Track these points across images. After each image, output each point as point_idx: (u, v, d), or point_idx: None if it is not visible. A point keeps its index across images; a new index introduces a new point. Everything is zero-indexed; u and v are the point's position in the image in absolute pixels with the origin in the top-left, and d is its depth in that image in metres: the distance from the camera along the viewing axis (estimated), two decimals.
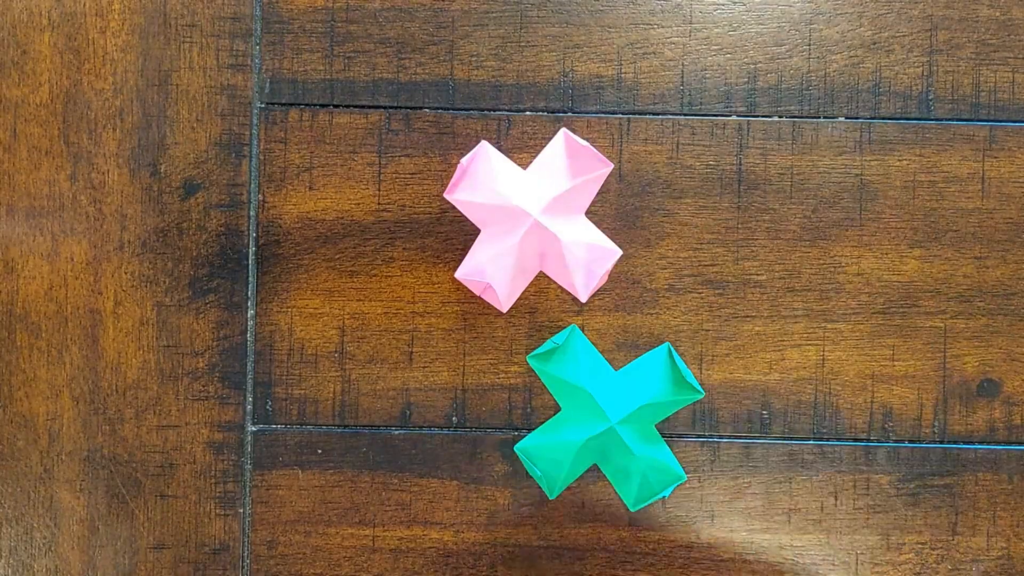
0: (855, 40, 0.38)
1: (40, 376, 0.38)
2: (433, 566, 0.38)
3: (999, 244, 0.38)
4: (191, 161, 0.38)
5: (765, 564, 0.38)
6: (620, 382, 0.37)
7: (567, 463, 0.37)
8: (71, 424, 0.38)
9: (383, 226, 0.38)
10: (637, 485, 0.37)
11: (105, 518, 0.38)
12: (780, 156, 0.38)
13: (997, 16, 0.38)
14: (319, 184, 0.38)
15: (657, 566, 0.38)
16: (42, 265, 0.38)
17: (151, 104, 0.38)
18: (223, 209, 0.38)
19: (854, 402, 0.38)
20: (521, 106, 0.38)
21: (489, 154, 0.36)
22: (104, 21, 0.37)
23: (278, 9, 0.38)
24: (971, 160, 0.38)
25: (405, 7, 0.38)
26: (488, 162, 0.35)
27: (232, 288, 0.38)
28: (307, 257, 0.38)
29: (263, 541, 0.38)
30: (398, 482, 0.38)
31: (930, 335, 0.38)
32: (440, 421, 0.38)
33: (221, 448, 0.38)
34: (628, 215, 0.38)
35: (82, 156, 0.38)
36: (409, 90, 0.38)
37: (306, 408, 0.38)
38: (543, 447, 0.37)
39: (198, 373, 0.38)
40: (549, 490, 0.37)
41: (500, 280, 0.35)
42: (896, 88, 0.38)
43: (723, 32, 0.38)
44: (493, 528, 0.38)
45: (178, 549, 0.38)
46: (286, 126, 0.38)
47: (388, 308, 0.38)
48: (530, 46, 0.38)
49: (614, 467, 0.37)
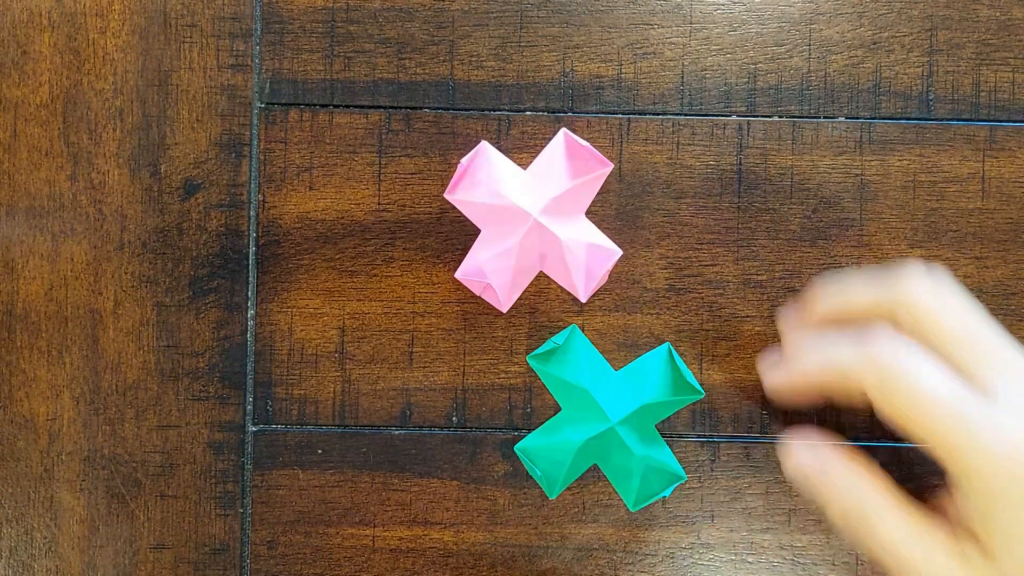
0: (855, 40, 0.38)
1: (40, 376, 0.38)
2: (433, 566, 0.38)
3: (999, 244, 0.38)
4: (191, 161, 0.38)
5: (765, 564, 0.38)
6: (620, 382, 0.37)
7: (567, 463, 0.37)
8: (71, 424, 0.38)
9: (383, 226, 0.38)
10: (637, 485, 0.37)
11: (105, 518, 0.38)
12: (780, 156, 0.38)
13: (997, 16, 0.38)
14: (319, 184, 0.38)
15: (657, 566, 0.38)
16: (42, 265, 0.38)
17: (151, 104, 0.38)
18: (223, 209, 0.38)
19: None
20: (521, 106, 0.38)
21: (489, 154, 0.36)
22: (104, 21, 0.37)
23: (278, 9, 0.38)
24: (971, 160, 0.38)
25: (405, 7, 0.38)
26: (488, 162, 0.36)
27: (232, 288, 0.38)
28: (307, 257, 0.38)
29: (263, 541, 0.38)
30: (398, 482, 0.38)
31: None
32: (440, 421, 0.38)
33: (221, 448, 0.38)
34: (628, 215, 0.38)
35: (82, 156, 0.38)
36: (409, 90, 0.38)
37: (306, 408, 0.38)
38: (543, 447, 0.37)
39: (198, 373, 0.38)
40: (549, 490, 0.37)
41: (500, 280, 0.35)
42: (896, 88, 0.38)
43: (723, 32, 0.38)
44: (493, 528, 0.38)
45: (178, 549, 0.38)
46: (286, 126, 0.38)
47: (388, 308, 0.38)
48: (530, 46, 0.38)
49: (614, 467, 0.37)
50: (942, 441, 0.29)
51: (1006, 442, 0.28)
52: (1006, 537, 0.29)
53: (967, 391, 0.29)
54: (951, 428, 0.29)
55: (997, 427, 0.29)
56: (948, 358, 0.30)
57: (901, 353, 0.30)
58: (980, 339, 0.30)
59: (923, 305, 0.31)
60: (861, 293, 0.33)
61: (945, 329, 0.31)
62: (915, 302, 0.31)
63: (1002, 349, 0.30)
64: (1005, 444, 0.28)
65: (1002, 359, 0.30)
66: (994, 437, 0.29)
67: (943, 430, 0.29)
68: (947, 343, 0.30)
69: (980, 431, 0.29)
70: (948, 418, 0.29)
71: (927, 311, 0.31)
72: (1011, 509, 0.29)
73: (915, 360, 0.30)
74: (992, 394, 0.29)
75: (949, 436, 0.29)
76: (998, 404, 0.29)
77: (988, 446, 0.29)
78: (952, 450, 0.29)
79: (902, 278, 0.32)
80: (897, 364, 0.30)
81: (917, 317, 0.31)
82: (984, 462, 0.29)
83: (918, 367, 0.30)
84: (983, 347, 0.30)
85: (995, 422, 0.29)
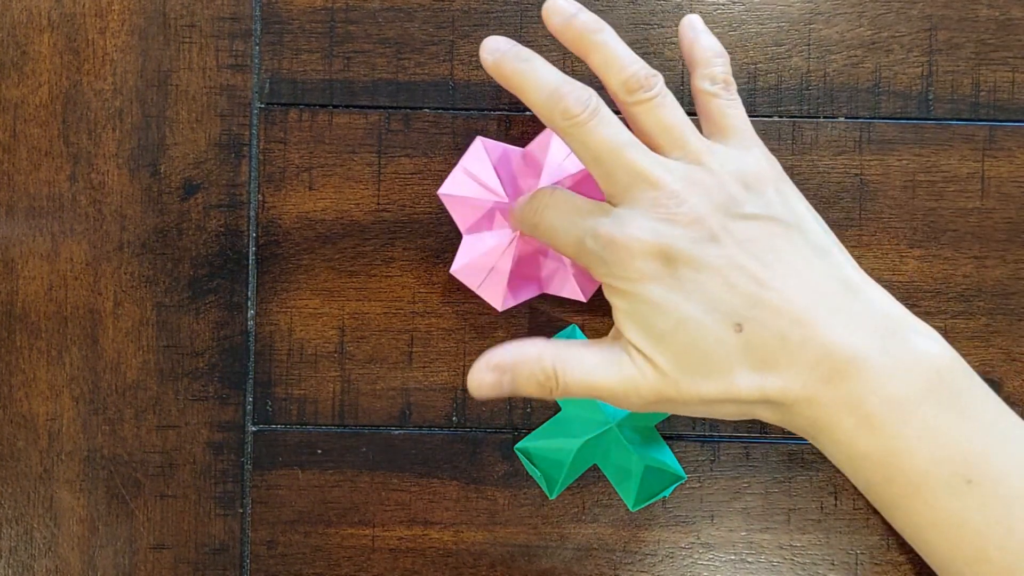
0: (854, 40, 0.38)
1: (40, 376, 0.38)
2: (433, 566, 0.38)
3: (999, 244, 0.38)
4: (191, 161, 0.38)
5: (765, 563, 0.38)
6: None
7: (567, 463, 0.37)
8: (71, 424, 0.38)
9: (383, 226, 0.38)
10: (637, 485, 0.37)
11: (105, 518, 0.38)
12: (780, 156, 0.38)
13: (996, 16, 0.38)
14: (319, 184, 0.38)
15: (657, 566, 0.38)
16: (42, 265, 0.38)
17: (151, 104, 0.38)
18: (223, 209, 0.38)
19: None
20: (521, 105, 0.38)
21: (487, 149, 0.35)
22: (104, 22, 0.37)
23: (277, 9, 0.38)
24: (971, 160, 0.38)
25: (405, 7, 0.38)
26: (481, 158, 0.35)
27: (232, 288, 0.38)
28: (307, 257, 0.38)
29: (263, 541, 0.38)
30: (398, 482, 0.38)
31: None
32: (440, 421, 0.38)
33: (221, 448, 0.38)
34: None
35: (82, 156, 0.38)
36: (409, 90, 0.38)
37: (306, 408, 0.38)
38: (543, 447, 0.37)
39: (198, 373, 0.38)
40: (549, 490, 0.37)
41: (497, 278, 0.35)
42: (896, 88, 0.38)
43: (723, 32, 0.38)
44: (493, 528, 0.38)
45: (178, 549, 0.38)
46: (286, 126, 0.38)
47: (388, 308, 0.38)
48: (530, 45, 0.37)
49: (614, 467, 0.37)
50: (581, 264, 0.31)
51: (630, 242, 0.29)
52: (650, 338, 0.30)
53: (597, 205, 0.31)
54: (579, 250, 0.31)
55: (605, 234, 0.30)
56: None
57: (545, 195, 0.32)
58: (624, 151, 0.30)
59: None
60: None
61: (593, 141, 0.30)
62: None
63: (626, 161, 0.30)
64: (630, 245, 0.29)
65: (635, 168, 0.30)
66: (600, 245, 0.30)
67: (574, 254, 0.31)
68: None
69: (592, 242, 0.30)
70: (575, 241, 0.31)
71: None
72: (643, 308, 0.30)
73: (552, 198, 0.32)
74: (617, 206, 0.30)
75: (581, 257, 0.31)
76: (616, 212, 0.30)
77: (598, 250, 0.30)
78: (587, 267, 0.31)
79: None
80: (540, 201, 0.32)
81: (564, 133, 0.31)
82: (606, 273, 0.30)
83: (554, 207, 0.32)
84: (610, 164, 0.30)
85: (606, 230, 0.30)
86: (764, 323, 0.29)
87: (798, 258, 0.30)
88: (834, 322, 0.29)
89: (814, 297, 0.29)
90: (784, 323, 0.29)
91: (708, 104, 0.32)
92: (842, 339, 0.29)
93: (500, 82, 0.31)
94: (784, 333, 0.29)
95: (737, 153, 0.31)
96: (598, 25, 0.31)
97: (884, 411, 0.29)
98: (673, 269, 0.29)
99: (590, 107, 0.30)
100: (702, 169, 0.30)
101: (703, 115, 0.32)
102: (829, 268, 0.30)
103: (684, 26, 0.33)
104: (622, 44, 0.31)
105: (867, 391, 0.29)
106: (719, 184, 0.30)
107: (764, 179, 0.31)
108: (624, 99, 0.31)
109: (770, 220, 0.30)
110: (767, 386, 0.29)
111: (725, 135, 0.32)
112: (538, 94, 0.30)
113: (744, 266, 0.29)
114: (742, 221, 0.30)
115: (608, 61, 0.31)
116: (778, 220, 0.30)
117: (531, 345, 0.31)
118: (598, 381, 0.30)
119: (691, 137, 0.31)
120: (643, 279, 0.29)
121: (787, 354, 0.29)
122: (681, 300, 0.29)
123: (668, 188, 0.29)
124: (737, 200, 0.30)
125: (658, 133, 0.31)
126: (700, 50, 0.33)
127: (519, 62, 0.31)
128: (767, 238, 0.30)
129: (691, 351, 0.29)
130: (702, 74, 0.32)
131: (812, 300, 0.29)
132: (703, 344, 0.29)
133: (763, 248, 0.29)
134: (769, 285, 0.29)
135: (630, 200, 0.30)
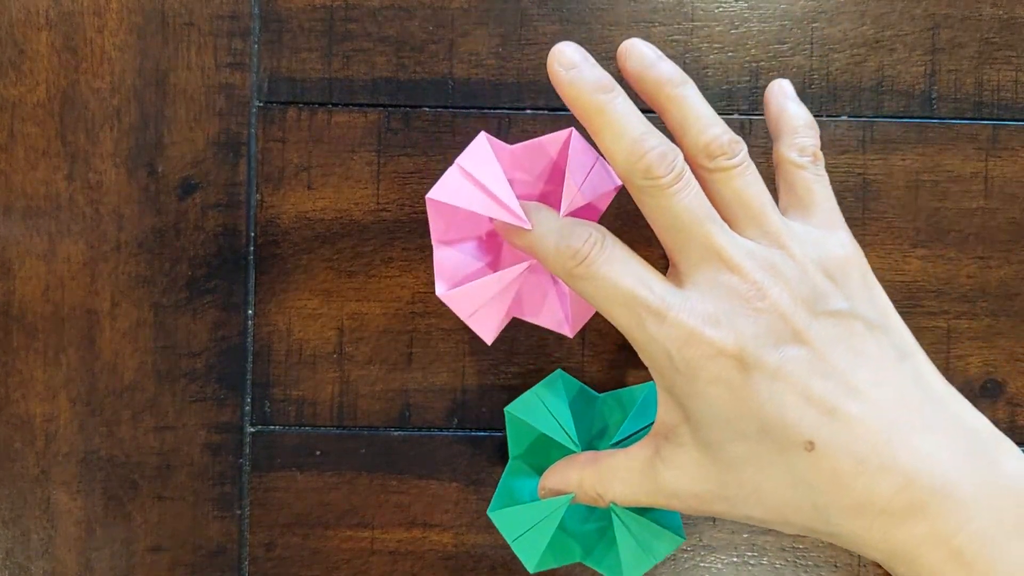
0: (857, 39, 0.38)
1: (36, 377, 0.37)
2: (433, 568, 0.38)
3: (1002, 244, 0.38)
4: (189, 161, 0.37)
5: (767, 566, 0.38)
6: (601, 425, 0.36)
7: (548, 535, 0.34)
8: (68, 425, 0.37)
9: (382, 226, 0.38)
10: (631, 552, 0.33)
11: (102, 520, 0.38)
12: None
13: (1000, 15, 0.38)
14: (317, 183, 0.37)
15: (658, 568, 0.38)
16: (38, 265, 0.37)
17: (149, 103, 0.37)
18: (221, 209, 0.37)
19: None
20: (521, 104, 0.37)
21: (489, 148, 0.31)
22: (102, 20, 0.37)
23: (276, 8, 0.37)
24: (974, 159, 0.38)
25: (404, 5, 0.37)
26: (489, 160, 0.31)
27: (230, 288, 0.38)
28: (305, 257, 0.38)
29: (261, 543, 0.38)
30: (397, 484, 0.38)
31: (933, 335, 0.38)
32: (440, 422, 0.38)
33: (219, 450, 0.38)
34: (629, 214, 0.38)
35: (79, 156, 0.37)
36: (408, 89, 0.37)
37: (304, 409, 0.38)
38: (519, 512, 0.34)
39: (196, 374, 0.38)
40: (528, 562, 0.34)
41: (493, 312, 0.32)
42: (899, 87, 0.38)
43: (725, 30, 0.38)
44: (493, 530, 0.38)
45: (175, 551, 0.38)
46: (284, 125, 0.37)
47: (387, 308, 0.38)
48: (530, 44, 0.37)
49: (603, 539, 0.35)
50: (628, 335, 0.28)
51: (677, 335, 0.27)
52: (693, 422, 0.27)
53: (658, 283, 0.27)
54: (631, 324, 0.27)
55: (675, 320, 0.27)
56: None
57: (596, 245, 0.28)
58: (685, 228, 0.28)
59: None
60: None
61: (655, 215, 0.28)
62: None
63: (705, 237, 0.27)
64: (677, 336, 0.27)
65: (702, 248, 0.27)
66: (666, 331, 0.27)
67: (625, 324, 0.28)
68: (657, 229, 0.28)
69: (656, 325, 0.27)
70: (629, 312, 0.27)
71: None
72: (691, 394, 0.27)
73: (609, 252, 0.28)
74: (685, 283, 0.28)
75: (631, 331, 0.28)
76: (685, 295, 0.27)
77: (663, 339, 0.27)
78: (635, 344, 0.28)
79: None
80: (590, 255, 0.28)
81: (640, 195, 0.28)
82: (668, 367, 0.27)
83: (610, 258, 0.28)
84: (686, 236, 0.28)
85: (676, 315, 0.27)
86: (839, 444, 0.26)
87: (883, 364, 0.27)
88: (918, 443, 0.26)
89: (897, 411, 0.26)
90: (862, 446, 0.26)
91: (793, 176, 0.30)
92: (926, 466, 0.26)
93: (568, 104, 0.28)
94: (861, 456, 0.26)
95: (820, 235, 0.28)
96: (681, 77, 0.28)
97: (975, 547, 0.25)
98: (747, 375, 0.26)
99: (675, 170, 0.27)
100: (783, 254, 0.27)
101: (785, 186, 0.30)
102: (913, 375, 0.27)
103: (773, 91, 0.31)
104: (705, 102, 0.28)
105: (955, 527, 0.25)
106: (802, 274, 0.27)
107: (849, 268, 0.28)
108: (703, 163, 0.28)
109: (854, 319, 0.27)
110: (833, 520, 0.26)
111: (808, 212, 0.29)
112: (618, 142, 0.27)
113: (825, 375, 0.26)
114: (826, 319, 0.27)
115: (688, 119, 0.28)
116: (862, 318, 0.27)
117: (572, 470, 0.31)
118: (643, 499, 0.29)
119: (772, 215, 0.28)
120: (712, 382, 0.26)
121: (863, 482, 0.26)
122: (748, 413, 0.26)
123: (749, 277, 0.27)
124: (822, 294, 0.27)
125: (736, 206, 0.28)
126: (789, 117, 0.30)
127: (601, 93, 0.27)
128: (850, 338, 0.27)
129: (749, 472, 0.27)
130: (790, 143, 0.30)
131: (895, 416, 0.26)
132: (767, 468, 0.27)
133: (846, 351, 0.27)
134: (849, 398, 0.26)
135: (701, 279, 0.27)
